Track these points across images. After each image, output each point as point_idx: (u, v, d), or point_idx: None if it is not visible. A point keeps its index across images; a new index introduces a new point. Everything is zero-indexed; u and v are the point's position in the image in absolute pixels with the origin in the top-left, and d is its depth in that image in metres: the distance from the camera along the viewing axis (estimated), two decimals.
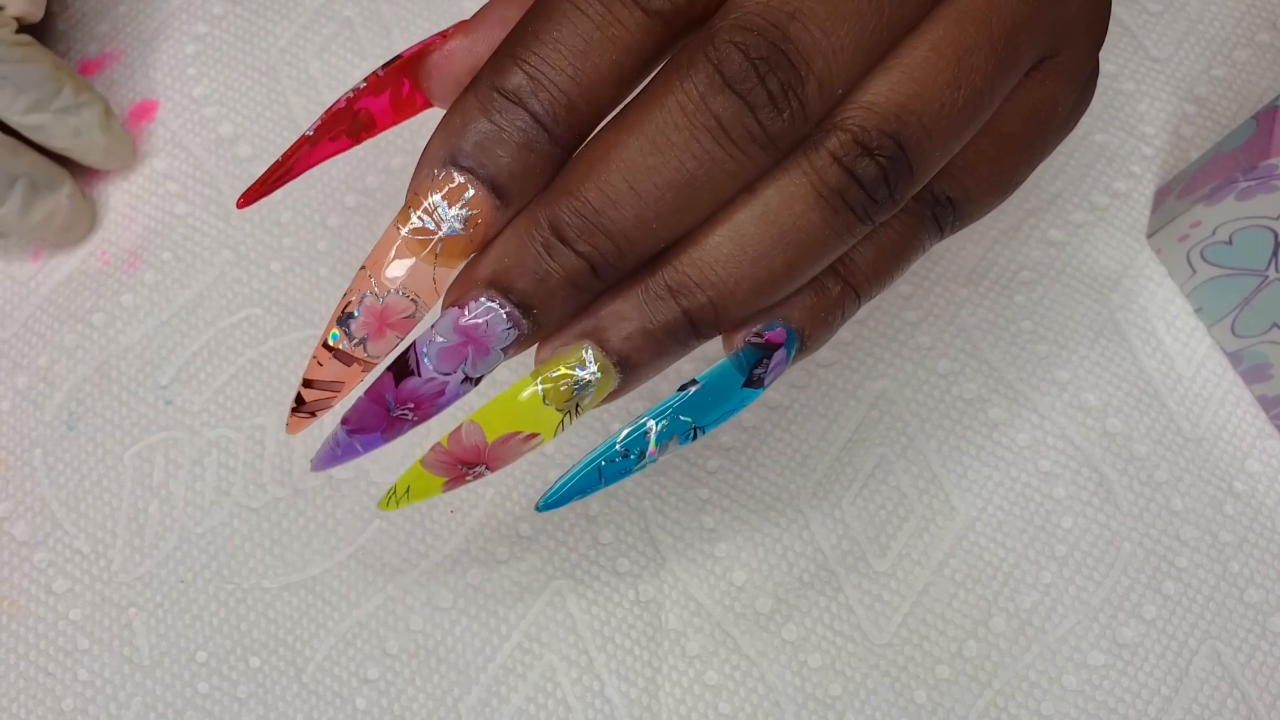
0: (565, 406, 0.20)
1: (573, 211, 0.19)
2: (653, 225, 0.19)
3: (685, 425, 0.21)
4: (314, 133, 0.22)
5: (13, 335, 0.34)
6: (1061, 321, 0.32)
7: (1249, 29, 0.35)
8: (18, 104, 0.31)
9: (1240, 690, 0.29)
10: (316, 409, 0.21)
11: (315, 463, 0.22)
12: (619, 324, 0.20)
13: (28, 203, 0.32)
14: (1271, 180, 0.28)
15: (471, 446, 0.20)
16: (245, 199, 0.22)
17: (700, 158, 0.19)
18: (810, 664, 0.30)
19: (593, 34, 0.19)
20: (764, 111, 0.18)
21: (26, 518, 0.32)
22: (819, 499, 0.31)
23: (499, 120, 0.19)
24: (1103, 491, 0.31)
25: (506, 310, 0.20)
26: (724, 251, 0.19)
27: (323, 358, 0.20)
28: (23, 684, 0.30)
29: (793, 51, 0.18)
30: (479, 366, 0.20)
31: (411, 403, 0.20)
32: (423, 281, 0.20)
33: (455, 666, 0.30)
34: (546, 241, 0.19)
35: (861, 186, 0.19)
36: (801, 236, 0.19)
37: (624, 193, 0.19)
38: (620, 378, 0.20)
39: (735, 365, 0.21)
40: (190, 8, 0.37)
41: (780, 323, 0.21)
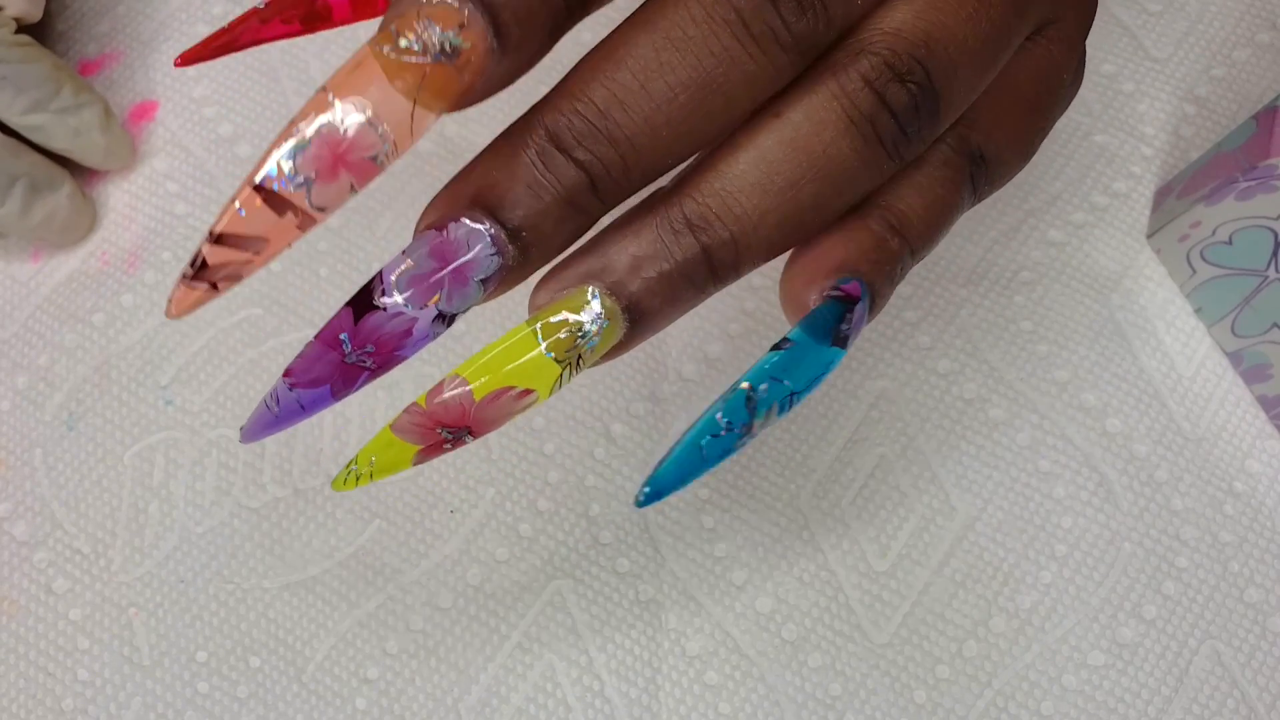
0: (566, 358, 0.18)
1: (574, 113, 0.17)
2: (663, 132, 0.17)
3: (783, 391, 0.18)
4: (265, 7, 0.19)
5: (13, 335, 0.34)
6: (1061, 321, 0.32)
7: (1249, 29, 0.35)
8: (17, 104, 0.31)
9: (1240, 690, 0.29)
10: (221, 277, 0.16)
11: (246, 431, 0.18)
12: (631, 263, 0.18)
13: (28, 203, 0.32)
14: (1271, 180, 0.28)
15: (455, 406, 0.18)
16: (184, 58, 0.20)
17: (719, 55, 0.17)
18: (810, 664, 0.30)
19: None
20: (787, 7, 0.17)
21: (26, 518, 0.32)
22: (819, 499, 0.31)
23: None
24: (1103, 491, 0.31)
25: (491, 232, 0.17)
26: (749, 180, 0.18)
27: (248, 202, 0.16)
28: (23, 684, 0.30)
29: None
30: (455, 300, 0.18)
31: (372, 344, 0.17)
32: (398, 114, 0.16)
33: (455, 666, 0.30)
34: (542, 149, 0.17)
35: (893, 115, 0.18)
36: (831, 166, 0.18)
37: (634, 92, 0.17)
38: (628, 326, 0.19)
39: (820, 320, 0.19)
40: (190, 8, 0.37)
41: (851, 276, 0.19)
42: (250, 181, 0.16)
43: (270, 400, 0.18)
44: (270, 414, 0.18)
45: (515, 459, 0.32)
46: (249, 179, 0.16)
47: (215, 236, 0.16)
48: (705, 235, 0.18)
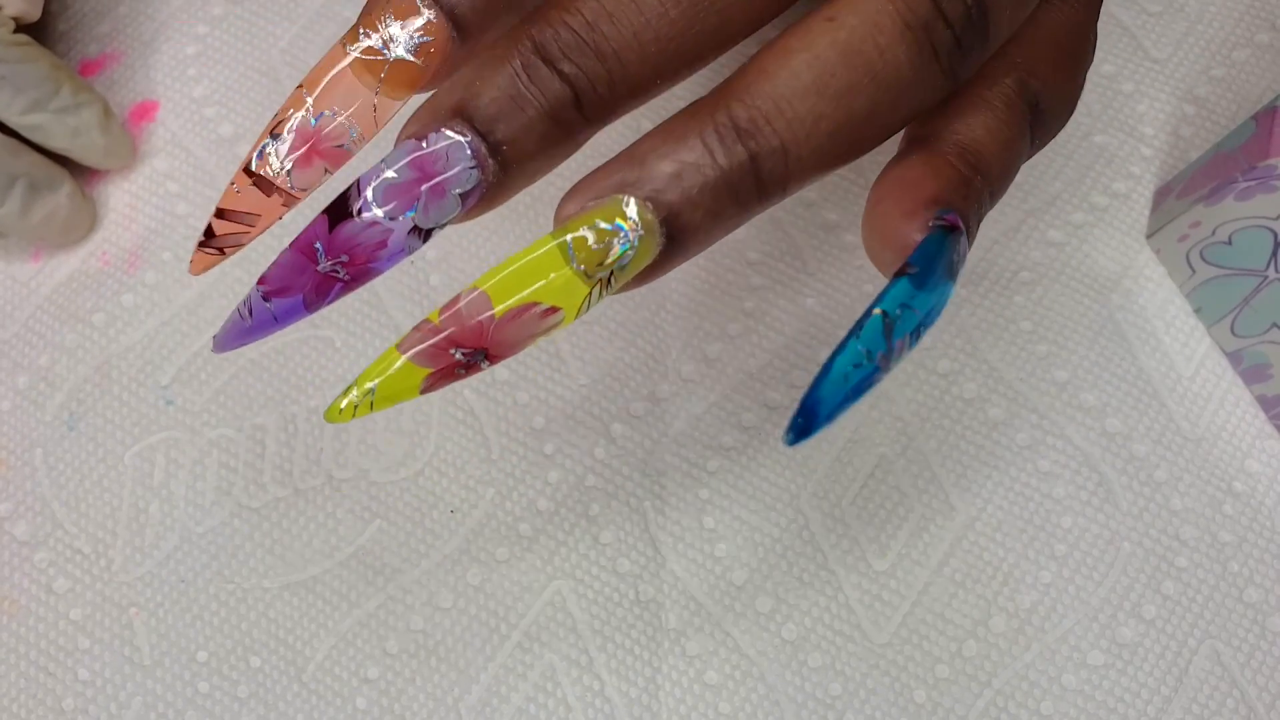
0: (596, 273, 0.17)
1: (561, 24, 0.17)
2: (651, 48, 0.17)
3: (914, 319, 0.17)
4: None
5: (13, 335, 0.34)
6: (1061, 322, 0.32)
7: (1248, 29, 0.35)
8: (16, 104, 0.31)
9: (1240, 690, 0.29)
10: (226, 245, 0.18)
11: (219, 340, 0.18)
12: (670, 171, 0.17)
13: (28, 203, 0.32)
14: (1271, 180, 0.28)
15: (473, 323, 0.17)
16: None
17: None
18: (810, 664, 0.30)
19: None
20: None
21: (27, 518, 0.32)
22: (819, 499, 0.31)
23: None
24: (1102, 491, 0.31)
25: (471, 143, 0.17)
26: (803, 82, 0.17)
27: (241, 183, 0.18)
28: (23, 684, 0.30)
29: None
30: (431, 212, 0.17)
31: (346, 254, 0.17)
32: (362, 108, 0.18)
33: (455, 666, 0.30)
34: (527, 61, 0.17)
35: (948, 24, 0.17)
36: (887, 72, 0.17)
37: (623, 4, 0.17)
38: (664, 243, 0.17)
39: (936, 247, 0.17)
40: (191, 8, 0.37)
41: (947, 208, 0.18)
42: (244, 166, 0.18)
43: (243, 309, 0.18)
44: (243, 323, 0.18)
45: (515, 459, 0.32)
46: (244, 163, 0.18)
47: (217, 211, 0.18)
48: (754, 142, 0.17)
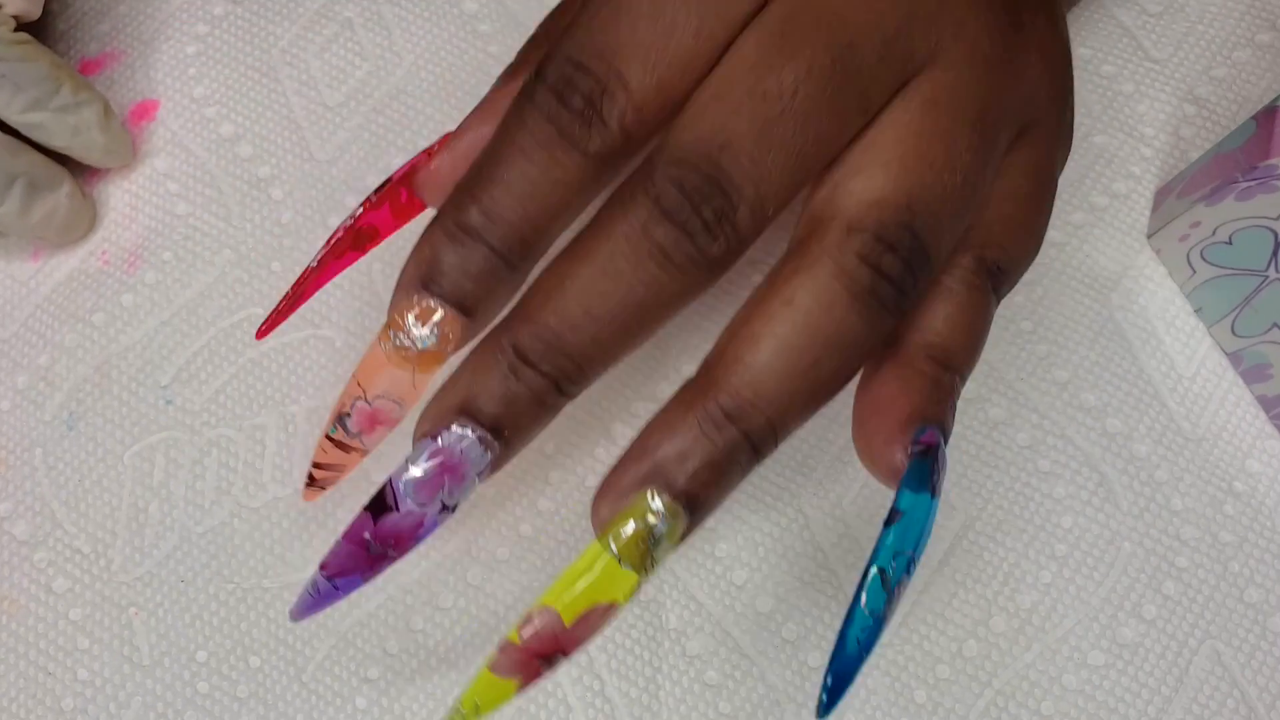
0: (640, 563, 0.20)
1: (533, 337, 0.21)
2: (608, 344, 0.21)
3: (905, 561, 0.20)
4: (317, 263, 0.24)
5: (13, 335, 0.34)
6: (1061, 321, 0.32)
7: (1249, 30, 0.35)
8: (16, 102, 0.31)
9: (1240, 690, 0.29)
10: (326, 483, 0.24)
11: (295, 612, 0.23)
12: (680, 460, 0.20)
13: (27, 202, 0.32)
14: (1271, 180, 0.28)
15: (548, 635, 0.20)
16: (263, 331, 0.25)
17: (648, 282, 0.20)
18: (810, 664, 0.30)
19: (538, 178, 0.21)
20: (702, 237, 0.20)
21: (27, 517, 0.32)
22: (819, 499, 0.31)
23: (461, 252, 0.21)
24: (1103, 491, 0.31)
25: (479, 434, 0.21)
26: (775, 367, 0.20)
27: (326, 447, 0.23)
28: (23, 684, 0.30)
29: (725, 180, 0.20)
30: (455, 494, 0.21)
31: (391, 539, 0.21)
32: (404, 387, 0.22)
33: (455, 666, 0.30)
34: (512, 365, 0.21)
35: (890, 282, 0.20)
36: (844, 339, 0.20)
37: (580, 317, 0.20)
38: (688, 517, 0.20)
39: (918, 479, 0.21)
40: (191, 8, 0.37)
41: (925, 425, 0.21)
42: (325, 432, 0.23)
43: (310, 588, 0.22)
44: (313, 599, 0.22)
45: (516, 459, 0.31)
46: (324, 433, 0.23)
47: (314, 464, 0.24)
48: (743, 423, 0.20)
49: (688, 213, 0.20)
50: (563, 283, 0.21)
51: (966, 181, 0.20)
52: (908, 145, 0.20)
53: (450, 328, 0.21)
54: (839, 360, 0.20)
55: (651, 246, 0.20)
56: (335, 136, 0.35)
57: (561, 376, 0.21)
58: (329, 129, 0.35)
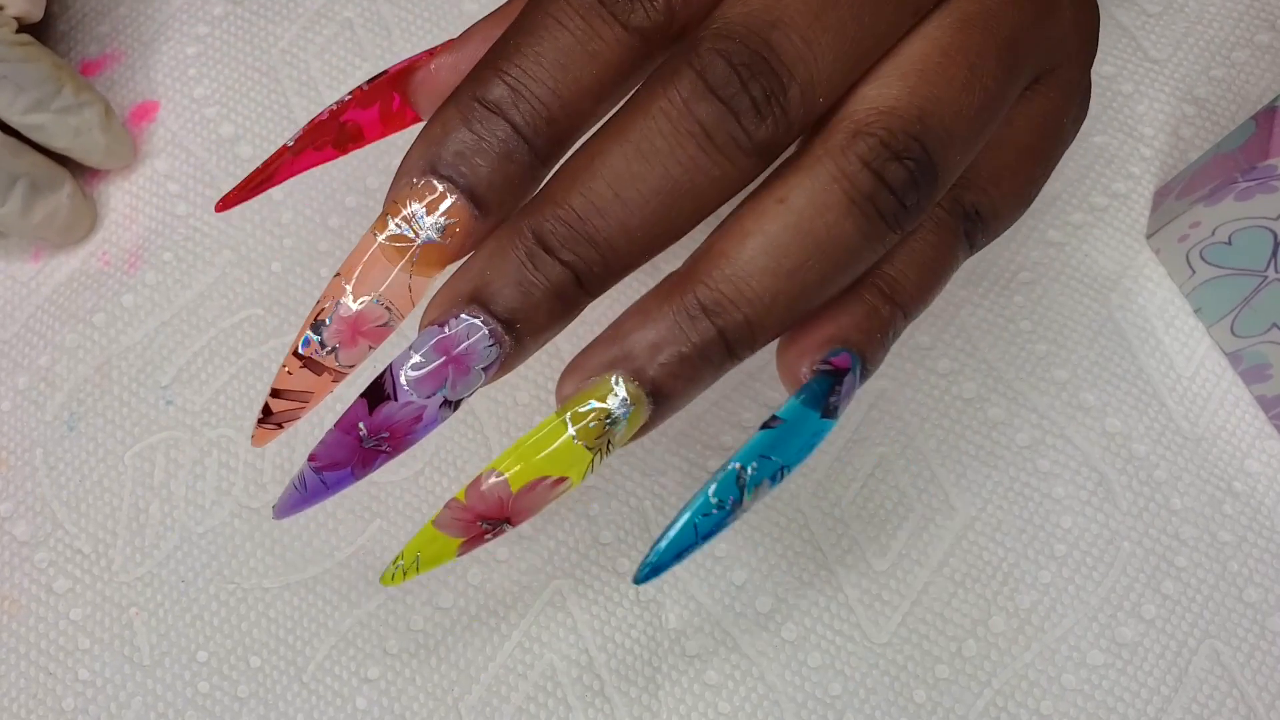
0: (596, 444, 0.19)
1: (557, 219, 0.19)
2: (637, 234, 0.19)
3: (773, 466, 0.20)
4: (295, 143, 0.21)
5: (13, 335, 0.34)
6: (1061, 321, 0.32)
7: (1248, 30, 0.35)
8: (18, 104, 0.31)
9: (1239, 690, 0.29)
10: (284, 420, 0.20)
11: (278, 509, 0.20)
12: (651, 349, 0.19)
13: (28, 203, 0.32)
14: (1271, 180, 0.28)
15: (494, 499, 0.19)
16: (224, 203, 0.22)
17: (685, 164, 0.18)
18: (810, 663, 0.30)
19: (573, 48, 0.19)
20: (748, 117, 0.18)
21: (27, 518, 0.32)
22: (819, 499, 0.31)
23: (479, 130, 0.19)
24: (1102, 491, 0.31)
25: (489, 326, 0.19)
26: (759, 264, 0.19)
27: (292, 366, 0.20)
28: (23, 684, 0.30)
29: (775, 59, 0.18)
30: (459, 388, 0.19)
31: (386, 430, 0.19)
32: (398, 289, 0.19)
33: (455, 666, 0.30)
34: (530, 251, 0.19)
35: (892, 192, 0.19)
36: (836, 246, 0.19)
37: (609, 200, 0.19)
38: (652, 408, 0.20)
39: (809, 396, 0.20)
40: (191, 9, 0.37)
41: (842, 347, 0.20)
42: (293, 349, 0.20)
43: (298, 482, 0.20)
44: (299, 494, 0.20)
45: None
46: (292, 348, 0.20)
47: (273, 392, 0.20)
48: (720, 319, 0.19)
49: (735, 88, 0.18)
50: (591, 162, 0.19)
51: (984, 106, 0.19)
52: (931, 59, 0.19)
53: (460, 217, 0.19)
54: (828, 266, 0.19)
55: (692, 124, 0.18)
56: None
57: (583, 267, 0.19)
58: None
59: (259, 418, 0.20)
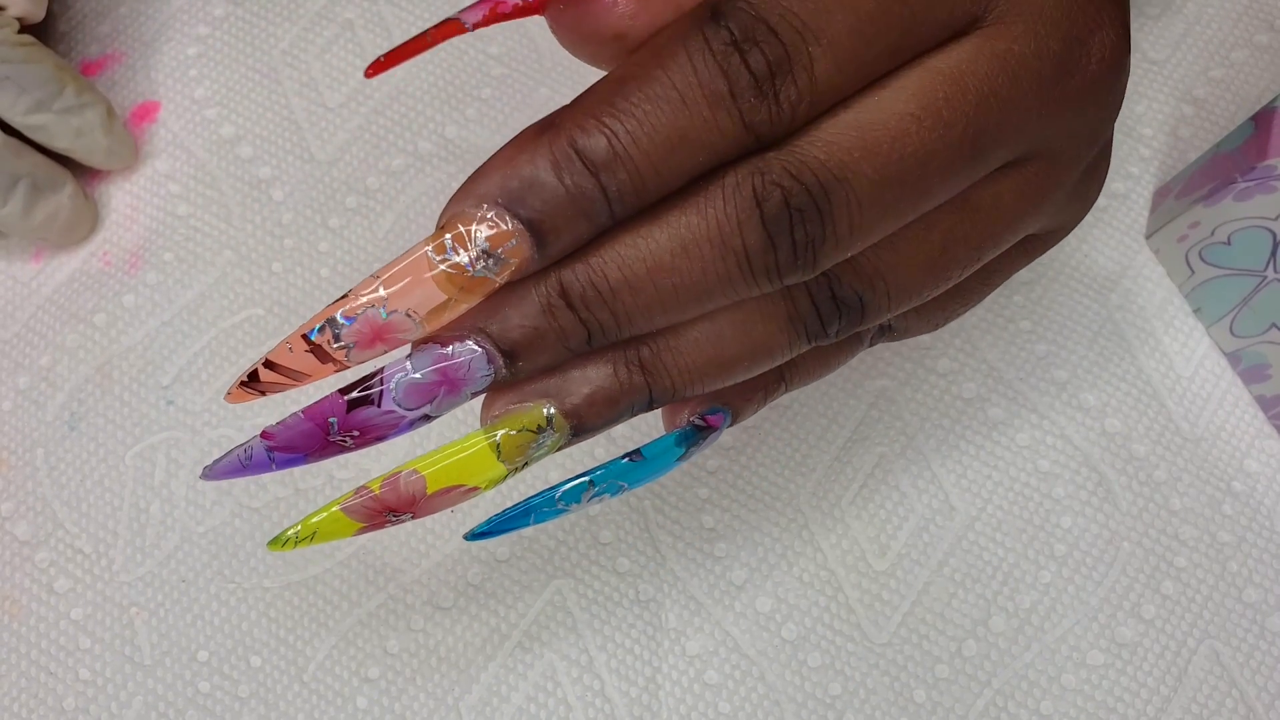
0: (515, 463, 0.20)
1: (590, 284, 0.19)
2: (656, 316, 0.20)
3: (617, 487, 0.22)
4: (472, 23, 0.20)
5: (14, 335, 0.34)
6: (1060, 321, 0.32)
7: (1247, 30, 0.35)
8: (20, 104, 0.31)
9: (1239, 689, 0.29)
10: (267, 390, 0.20)
11: (210, 472, 0.20)
12: (587, 392, 0.20)
13: (30, 203, 0.32)
14: (1270, 181, 0.28)
15: (408, 495, 0.20)
16: (375, 67, 0.20)
17: (720, 275, 0.19)
18: (810, 663, 0.30)
19: (688, 133, 0.18)
20: (784, 256, 0.19)
21: (28, 517, 0.32)
22: (819, 499, 0.31)
23: (568, 183, 0.18)
24: (1102, 491, 0.31)
25: (491, 354, 0.19)
26: (702, 350, 0.20)
27: (296, 347, 0.19)
28: (24, 683, 0.30)
29: (827, 213, 0.19)
30: (444, 406, 0.20)
31: (358, 430, 0.19)
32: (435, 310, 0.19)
33: (456, 666, 0.30)
34: (552, 304, 0.19)
35: (821, 322, 0.21)
36: (767, 351, 0.21)
37: (643, 282, 0.19)
38: (570, 438, 0.21)
39: (677, 441, 0.22)
40: (192, 9, 0.37)
41: (720, 408, 0.22)
42: (303, 331, 0.19)
43: (243, 454, 0.20)
44: (239, 464, 0.20)
45: None
46: (303, 329, 0.19)
47: (265, 362, 0.19)
48: (653, 379, 0.20)
49: (782, 227, 0.19)
50: (637, 241, 0.19)
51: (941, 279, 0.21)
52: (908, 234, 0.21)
53: (519, 258, 0.19)
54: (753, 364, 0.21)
55: (739, 244, 0.19)
56: (336, 137, 0.35)
57: (598, 329, 0.19)
58: (329, 130, 0.35)
59: (242, 379, 0.20)
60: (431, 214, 0.34)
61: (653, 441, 0.22)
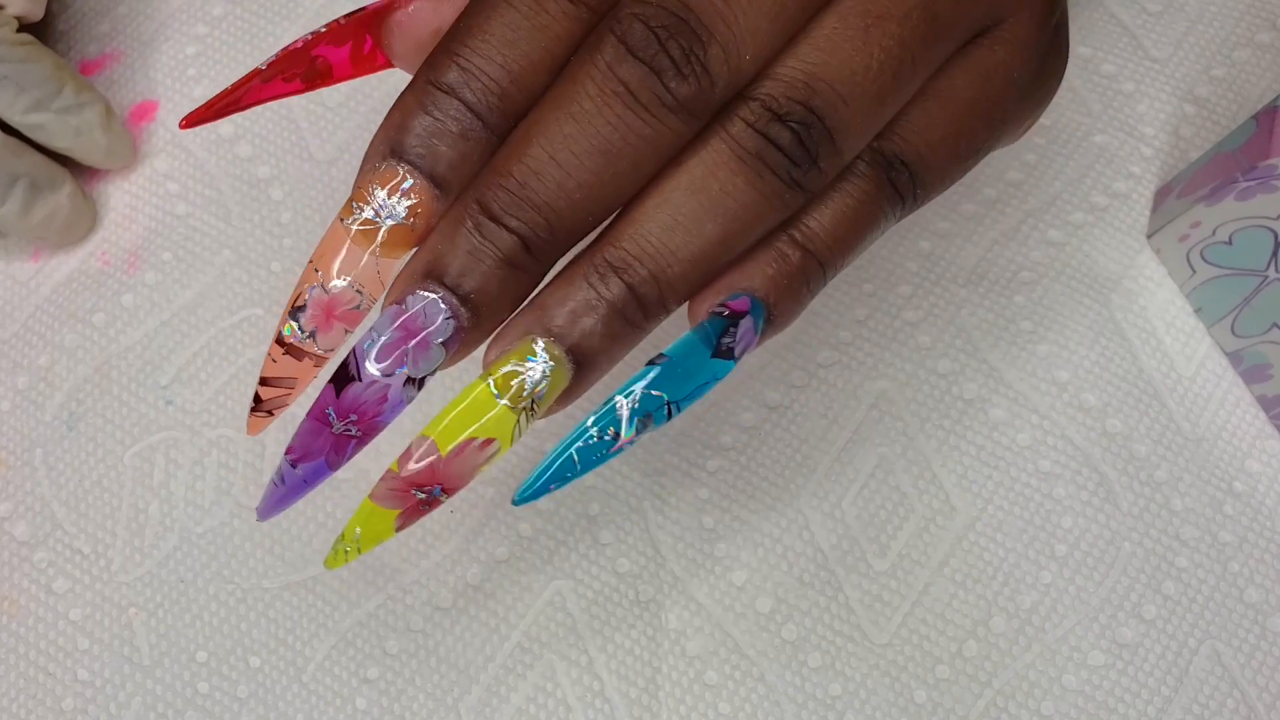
0: (520, 404, 0.20)
1: (499, 188, 0.19)
2: (576, 195, 0.20)
3: (658, 401, 0.20)
4: (267, 68, 0.22)
5: (13, 335, 0.34)
6: (1061, 322, 0.32)
7: (1248, 29, 0.35)
8: (19, 103, 0.31)
9: (1240, 690, 0.29)
10: (274, 407, 0.21)
11: (261, 509, 0.21)
12: (565, 310, 0.20)
13: (28, 202, 0.32)
14: (1271, 180, 0.28)
15: (424, 465, 0.20)
16: (189, 120, 0.22)
17: (614, 123, 0.19)
18: (810, 664, 0.30)
19: (521, 24, 0.20)
20: (669, 75, 0.19)
21: (27, 518, 0.32)
22: (819, 499, 0.31)
23: (435, 113, 0.20)
24: (1103, 491, 0.31)
25: (442, 295, 0.20)
26: (657, 223, 0.20)
27: (276, 354, 0.20)
28: (23, 684, 0.30)
29: (693, 19, 0.19)
30: (420, 364, 0.20)
31: (354, 413, 0.20)
32: (367, 272, 0.20)
33: (455, 666, 0.30)
34: (477, 222, 0.20)
35: (780, 150, 0.20)
36: (730, 203, 0.20)
37: (545, 163, 0.19)
38: (574, 369, 0.20)
39: (700, 336, 0.21)
40: (190, 8, 0.37)
41: (743, 292, 0.21)
42: (276, 338, 0.20)
43: (276, 478, 0.21)
44: (279, 490, 0.21)
45: (515, 459, 0.32)
46: (275, 336, 0.20)
47: (261, 380, 0.21)
48: (627, 275, 0.20)
49: (654, 49, 0.19)
50: (529, 131, 0.20)
51: (885, 68, 0.20)
52: (825, 27, 0.20)
53: (421, 196, 0.20)
54: (724, 224, 0.20)
55: (617, 85, 0.19)
56: (335, 137, 0.35)
57: (529, 232, 0.20)
58: (328, 129, 0.35)
59: (251, 406, 0.21)
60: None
61: (676, 342, 0.21)
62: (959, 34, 0.21)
